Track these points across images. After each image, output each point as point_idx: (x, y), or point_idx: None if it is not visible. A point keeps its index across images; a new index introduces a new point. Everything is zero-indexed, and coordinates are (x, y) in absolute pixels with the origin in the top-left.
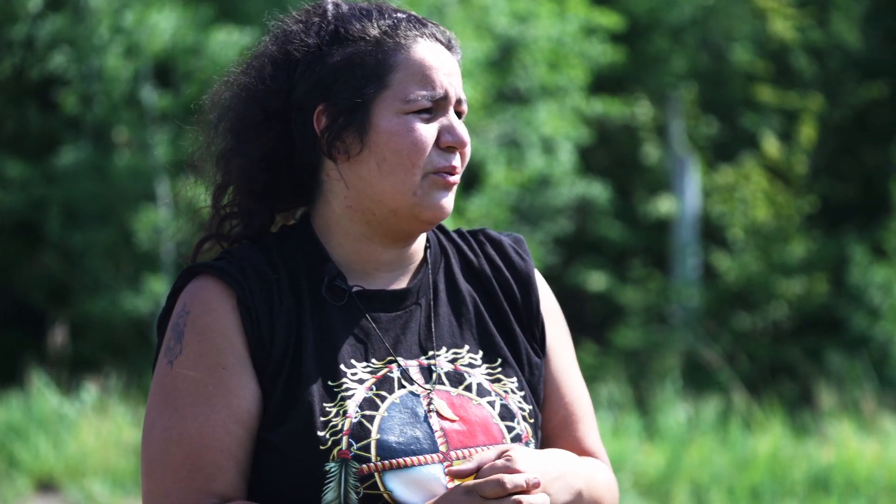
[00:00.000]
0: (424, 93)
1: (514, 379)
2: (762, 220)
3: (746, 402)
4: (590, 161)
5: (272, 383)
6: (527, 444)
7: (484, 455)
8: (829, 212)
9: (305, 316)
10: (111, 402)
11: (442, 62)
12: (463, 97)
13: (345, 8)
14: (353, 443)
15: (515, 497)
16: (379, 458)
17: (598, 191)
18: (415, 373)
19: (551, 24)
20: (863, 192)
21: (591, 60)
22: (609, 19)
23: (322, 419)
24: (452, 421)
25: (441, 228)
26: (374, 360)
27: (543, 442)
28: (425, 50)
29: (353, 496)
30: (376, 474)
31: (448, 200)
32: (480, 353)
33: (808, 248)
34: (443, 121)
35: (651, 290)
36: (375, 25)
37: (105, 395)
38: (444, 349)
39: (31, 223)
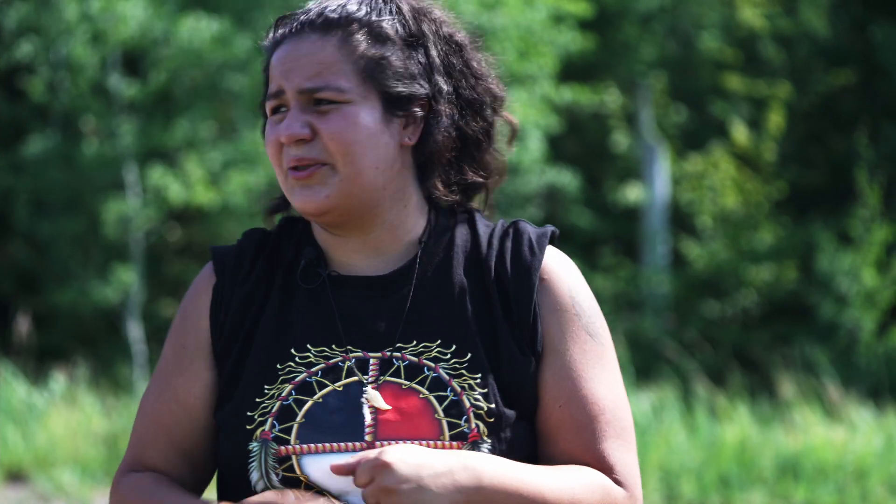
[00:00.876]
0: (267, 95)
1: (479, 375)
2: (731, 208)
3: (711, 390)
4: (559, 149)
5: (224, 364)
6: (474, 442)
7: (368, 452)
8: (797, 199)
9: (272, 298)
10: (80, 392)
11: (284, 57)
12: (306, 84)
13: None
14: (277, 424)
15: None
16: (298, 442)
17: (567, 179)
18: (372, 363)
19: (519, 12)
20: (830, 178)
21: (560, 48)
22: (577, 7)
23: (257, 399)
24: (384, 412)
25: (471, 218)
26: (333, 346)
27: (544, 446)
28: (277, 50)
29: (274, 477)
30: (293, 457)
31: (305, 195)
32: (453, 347)
33: (776, 235)
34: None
35: (621, 278)
36: (271, 34)
37: (73, 384)
38: (415, 342)
39: None
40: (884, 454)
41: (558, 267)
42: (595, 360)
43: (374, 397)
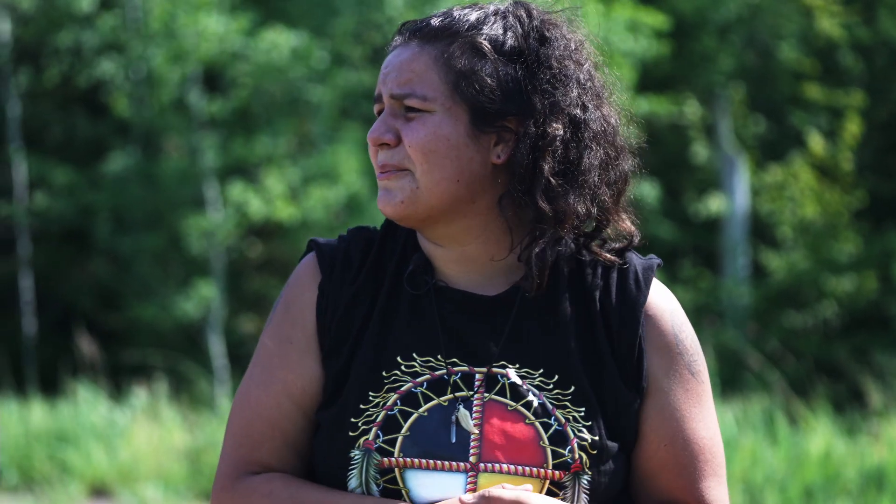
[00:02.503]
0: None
1: (584, 409)
2: (811, 218)
3: (793, 401)
4: (638, 160)
5: (331, 364)
6: (576, 473)
7: (500, 493)
8: (876, 209)
9: (379, 301)
10: (161, 408)
11: (387, 63)
12: (396, 91)
13: None
14: (381, 434)
15: None
16: (402, 455)
17: (646, 190)
18: (477, 378)
19: (597, 24)
20: None
21: (636, 57)
22: (655, 19)
23: (361, 406)
24: (489, 432)
25: (584, 243)
26: (438, 357)
27: (641, 480)
28: (387, 57)
29: (374, 487)
30: (396, 469)
31: (383, 197)
32: (556, 377)
33: (856, 245)
34: None
35: (701, 289)
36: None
37: (155, 400)
38: (518, 364)
39: (78, 230)
40: None
41: (663, 303)
42: (696, 400)
43: (464, 418)
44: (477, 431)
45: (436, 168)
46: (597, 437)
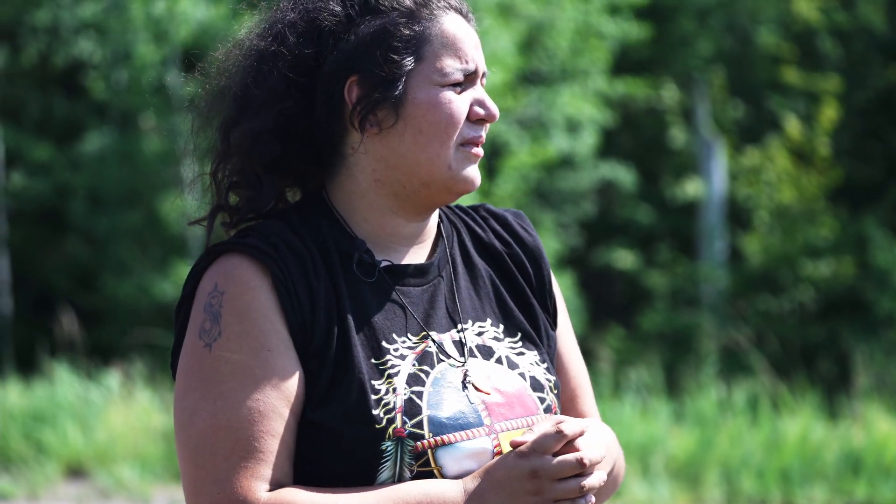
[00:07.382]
0: (458, 66)
1: (536, 352)
2: (788, 203)
3: (775, 384)
4: (615, 145)
5: (319, 362)
6: (555, 414)
7: (542, 426)
8: (853, 193)
9: (342, 292)
10: (137, 388)
11: (470, 35)
12: (486, 71)
13: None
14: (407, 420)
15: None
16: (432, 435)
17: (622, 174)
18: (449, 346)
19: (575, 5)
20: (887, 173)
21: (614, 41)
22: None
23: (374, 397)
24: (487, 394)
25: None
26: (410, 335)
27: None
28: (454, 23)
29: (407, 474)
30: (429, 451)
31: (476, 172)
32: (501, 326)
33: (833, 230)
34: (473, 94)
35: (678, 274)
36: None
37: (130, 380)
38: (470, 322)
39: (55, 209)
40: None
41: None
42: (573, 332)
43: (478, 380)
44: (489, 390)
45: None
46: (554, 377)
